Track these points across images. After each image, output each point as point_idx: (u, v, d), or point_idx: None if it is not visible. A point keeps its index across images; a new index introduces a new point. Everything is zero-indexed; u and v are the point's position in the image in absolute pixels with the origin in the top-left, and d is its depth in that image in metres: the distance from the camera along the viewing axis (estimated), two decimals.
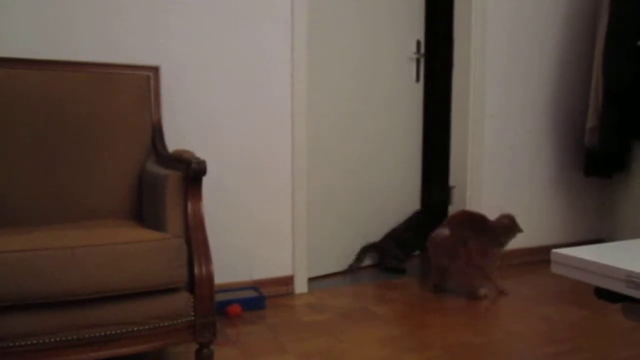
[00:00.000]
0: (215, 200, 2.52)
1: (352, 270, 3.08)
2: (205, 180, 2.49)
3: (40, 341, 1.39)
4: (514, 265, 3.30)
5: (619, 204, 3.32)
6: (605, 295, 1.07)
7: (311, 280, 2.90)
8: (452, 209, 3.25)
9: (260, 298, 2.49)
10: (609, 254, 1.12)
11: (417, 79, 3.32)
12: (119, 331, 1.46)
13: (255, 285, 2.62)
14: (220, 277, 2.55)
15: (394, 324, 2.34)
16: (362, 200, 3.13)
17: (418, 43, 3.29)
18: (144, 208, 1.99)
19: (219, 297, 2.46)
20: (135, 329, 1.49)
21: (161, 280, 1.50)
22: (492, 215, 2.82)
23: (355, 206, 3.10)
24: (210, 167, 2.50)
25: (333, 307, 2.54)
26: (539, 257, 3.41)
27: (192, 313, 1.56)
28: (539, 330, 2.29)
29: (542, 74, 3.30)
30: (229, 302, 2.41)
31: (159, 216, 1.69)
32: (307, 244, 2.81)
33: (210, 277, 1.58)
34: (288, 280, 2.70)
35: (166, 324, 1.53)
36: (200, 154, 2.49)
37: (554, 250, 1.15)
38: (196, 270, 1.57)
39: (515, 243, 3.31)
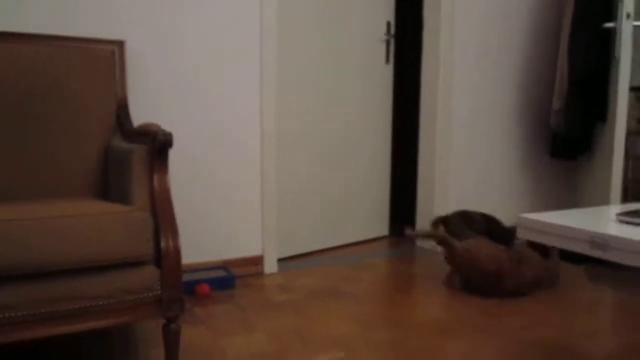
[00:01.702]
0: (183, 179, 2.48)
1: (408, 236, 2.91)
2: (173, 158, 2.45)
3: (0, 316, 1.34)
4: None
5: (583, 185, 3.39)
6: (570, 257, 1.09)
7: (281, 260, 2.89)
8: (420, 188, 3.27)
9: (230, 278, 2.47)
10: (573, 218, 1.14)
11: (387, 61, 3.32)
12: (83, 305, 1.43)
13: (225, 265, 2.60)
14: (189, 257, 2.52)
15: (363, 303, 2.35)
16: (332, 181, 3.13)
17: (388, 24, 3.29)
18: (110, 185, 1.94)
19: (188, 277, 2.43)
20: (101, 303, 1.45)
21: (126, 253, 1.46)
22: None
23: (325, 186, 3.10)
24: (177, 145, 2.46)
25: (303, 286, 2.53)
26: None
27: (159, 287, 1.53)
28: (506, 305, 2.32)
29: (510, 56, 3.34)
30: (198, 282, 2.39)
31: (125, 191, 1.65)
32: (277, 224, 2.80)
33: (177, 250, 1.56)
34: (258, 260, 2.68)
35: (132, 298, 1.49)
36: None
37: (521, 215, 1.16)
38: (162, 244, 1.54)
39: None
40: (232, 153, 2.58)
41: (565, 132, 3.06)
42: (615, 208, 1.25)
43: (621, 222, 1.11)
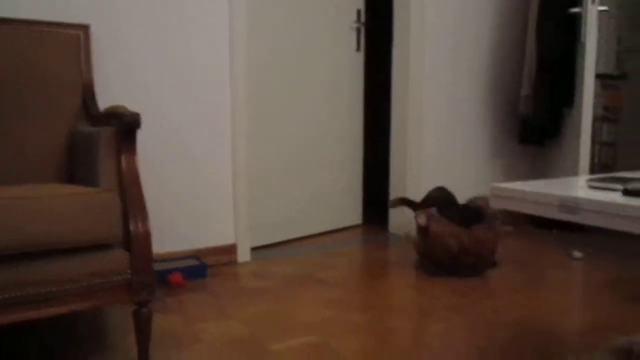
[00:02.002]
0: (153, 168, 2.44)
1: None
2: (141, 146, 2.40)
3: None
4: None
5: (552, 170, 3.45)
6: (540, 223, 1.10)
7: (254, 249, 2.86)
8: (392, 176, 3.28)
9: (202, 266, 2.44)
10: (543, 186, 1.14)
11: (358, 48, 3.32)
12: (50, 290, 1.38)
13: (197, 255, 2.56)
14: (161, 246, 2.47)
15: (339, 287, 2.34)
16: (305, 170, 3.11)
17: (358, 12, 3.29)
18: (75, 170, 1.89)
19: (160, 267, 2.39)
20: (68, 287, 1.41)
21: (94, 235, 1.42)
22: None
23: (297, 176, 3.08)
24: (144, 132, 2.41)
25: (277, 274, 2.51)
26: None
27: (129, 271, 1.50)
28: (478, 288, 2.35)
29: (479, 43, 3.37)
30: (170, 271, 2.35)
31: (91, 174, 1.60)
32: (250, 213, 2.78)
33: (147, 233, 1.52)
34: (231, 249, 2.65)
35: (101, 282, 1.45)
36: None
37: (492, 184, 1.17)
38: (132, 227, 1.50)
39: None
40: (204, 142, 2.55)
41: (534, 117, 3.10)
42: (585, 177, 1.27)
43: (591, 187, 1.12)
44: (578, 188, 1.10)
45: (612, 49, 4.09)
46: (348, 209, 3.40)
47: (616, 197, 0.99)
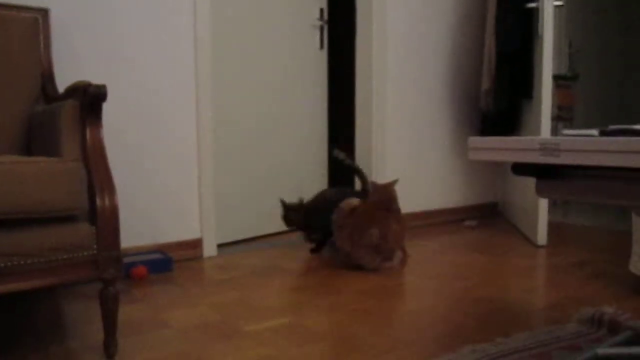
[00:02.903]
0: (116, 159, 2.35)
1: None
2: (105, 137, 2.32)
3: None
4: (416, 227, 3.39)
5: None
6: (521, 170, 1.10)
7: (220, 246, 2.79)
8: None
9: (167, 260, 2.36)
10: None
11: (322, 46, 3.33)
12: (10, 264, 1.30)
13: (162, 249, 2.48)
14: (124, 240, 2.38)
15: (306, 276, 2.31)
16: (271, 168, 3.08)
17: (321, 10, 3.31)
18: (35, 151, 1.81)
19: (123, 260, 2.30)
20: (30, 261, 1.33)
21: (57, 205, 1.34)
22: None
23: (263, 174, 3.04)
24: (105, 123, 2.33)
25: (244, 265, 2.46)
26: (440, 219, 3.53)
27: (95, 246, 1.43)
28: (447, 272, 2.35)
29: (440, 39, 3.44)
30: (134, 264, 2.26)
31: (53, 147, 1.53)
32: (215, 207, 2.71)
33: (114, 208, 1.46)
34: (196, 244, 2.58)
35: (65, 257, 1.38)
36: None
37: (471, 138, 1.17)
38: (98, 201, 1.43)
39: (416, 206, 3.41)
40: (168, 136, 2.48)
41: (495, 110, 3.17)
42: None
43: (566, 135, 1.14)
44: (556, 137, 1.11)
45: (564, 51, 4.25)
46: None
47: (594, 137, 1.01)
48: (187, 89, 2.52)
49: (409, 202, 3.39)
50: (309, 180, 3.33)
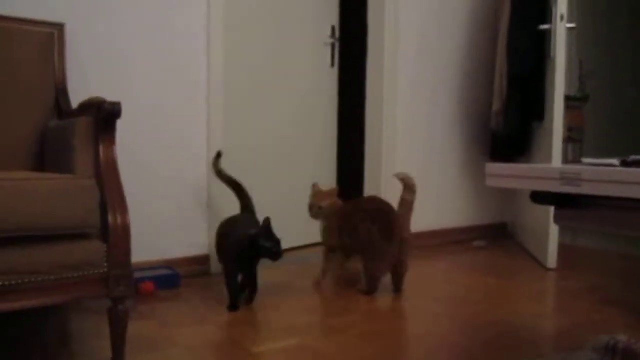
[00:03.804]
0: (124, 176, 2.34)
1: None
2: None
3: None
4: (425, 247, 3.37)
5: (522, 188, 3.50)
6: (540, 198, 1.09)
7: None
8: (367, 192, 3.27)
9: (175, 276, 2.35)
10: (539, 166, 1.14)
11: (333, 64, 3.34)
12: (20, 281, 1.29)
13: (169, 265, 2.46)
14: (132, 255, 2.36)
15: (317, 295, 2.29)
16: (279, 185, 3.07)
17: (333, 28, 3.32)
18: (48, 166, 1.81)
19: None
20: (40, 279, 1.32)
21: (69, 222, 1.34)
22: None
23: (272, 190, 3.03)
24: (119, 139, 2.33)
25: None
26: (449, 238, 3.51)
27: (105, 264, 1.42)
28: (456, 294, 2.33)
29: (451, 60, 3.44)
30: (141, 280, 2.25)
31: (66, 165, 1.53)
32: None
33: (126, 225, 1.45)
34: (204, 260, 2.57)
35: (75, 275, 1.37)
36: None
37: (489, 164, 1.16)
38: (110, 218, 1.43)
39: (425, 226, 3.39)
40: (178, 151, 2.49)
41: (505, 132, 3.15)
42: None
43: (586, 164, 1.12)
44: (575, 166, 1.10)
45: (575, 73, 4.24)
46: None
47: (616, 168, 1.00)
48: (199, 107, 2.53)
49: (418, 221, 3.37)
50: None
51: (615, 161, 1.07)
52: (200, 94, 2.53)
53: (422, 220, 3.40)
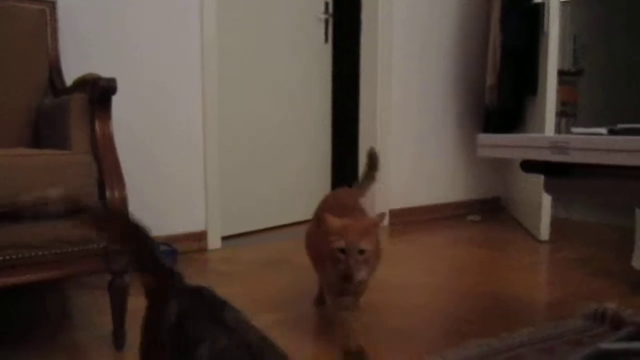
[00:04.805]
0: (123, 152, 2.35)
1: None
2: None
3: None
4: (420, 221, 3.40)
5: (514, 162, 3.53)
6: (530, 167, 1.11)
7: (225, 238, 2.80)
8: (362, 165, 3.28)
9: (172, 252, 2.37)
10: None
11: (326, 40, 3.33)
12: (20, 255, 1.31)
13: (166, 241, 2.49)
14: None
15: (311, 270, 2.31)
16: (275, 161, 3.09)
17: (326, 4, 3.30)
18: (43, 143, 1.81)
19: None
20: (40, 253, 1.34)
21: (67, 197, 1.36)
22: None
23: (268, 166, 3.05)
24: (115, 115, 2.34)
25: (250, 259, 2.47)
26: (443, 213, 3.54)
27: (104, 238, 1.44)
28: (451, 267, 2.37)
29: (445, 33, 3.44)
30: None
31: (62, 140, 1.54)
32: (221, 200, 2.72)
33: (123, 199, 1.47)
34: (201, 236, 2.59)
35: (75, 249, 1.39)
36: None
37: (480, 135, 1.18)
38: (108, 193, 1.45)
39: (419, 200, 3.42)
40: (174, 128, 2.49)
41: (499, 106, 3.17)
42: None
43: (575, 133, 1.15)
44: (565, 135, 1.12)
45: (569, 47, 4.25)
46: (318, 199, 3.38)
47: (603, 136, 1.02)
48: (193, 82, 2.53)
49: (413, 196, 3.40)
50: (314, 171, 3.33)
51: (603, 130, 1.09)
52: (195, 68, 2.53)
53: (417, 195, 3.43)
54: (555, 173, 1.11)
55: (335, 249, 1.36)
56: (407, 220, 3.33)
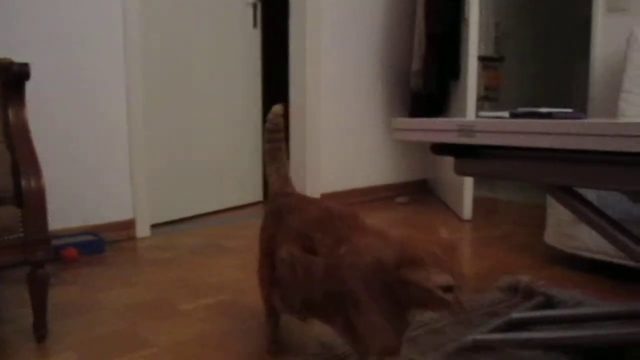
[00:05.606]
0: (44, 140, 2.27)
1: None
2: (31, 117, 2.24)
3: None
4: (351, 204, 3.48)
5: None
6: (439, 149, 1.17)
7: (154, 227, 2.76)
8: (293, 150, 3.32)
9: (99, 241, 2.33)
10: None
11: (255, 25, 3.31)
12: None
13: (93, 231, 2.43)
14: (53, 222, 2.30)
15: (247, 254, 2.33)
16: (203, 147, 3.06)
17: None
18: None
19: (52, 243, 2.24)
20: None
21: None
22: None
23: (196, 153, 3.02)
24: (34, 103, 2.25)
25: (182, 245, 2.46)
26: (373, 196, 3.64)
27: (21, 229, 1.40)
28: None
29: (373, 20, 3.50)
30: (64, 247, 2.21)
31: None
32: (149, 189, 2.68)
33: (40, 190, 1.43)
34: (129, 225, 2.55)
35: None
36: None
37: (395, 119, 1.23)
38: (23, 182, 1.40)
39: (350, 184, 3.49)
40: (97, 114, 2.42)
41: (424, 91, 3.27)
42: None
43: (481, 117, 1.21)
44: (472, 118, 1.19)
45: (491, 33, 4.42)
46: (249, 186, 3.39)
47: (505, 119, 1.09)
48: (116, 66, 2.46)
49: (344, 180, 3.47)
50: (245, 156, 3.33)
51: (505, 114, 1.17)
52: (117, 52, 2.46)
53: (347, 178, 3.50)
54: (464, 155, 1.18)
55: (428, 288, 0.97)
56: (339, 203, 3.39)
